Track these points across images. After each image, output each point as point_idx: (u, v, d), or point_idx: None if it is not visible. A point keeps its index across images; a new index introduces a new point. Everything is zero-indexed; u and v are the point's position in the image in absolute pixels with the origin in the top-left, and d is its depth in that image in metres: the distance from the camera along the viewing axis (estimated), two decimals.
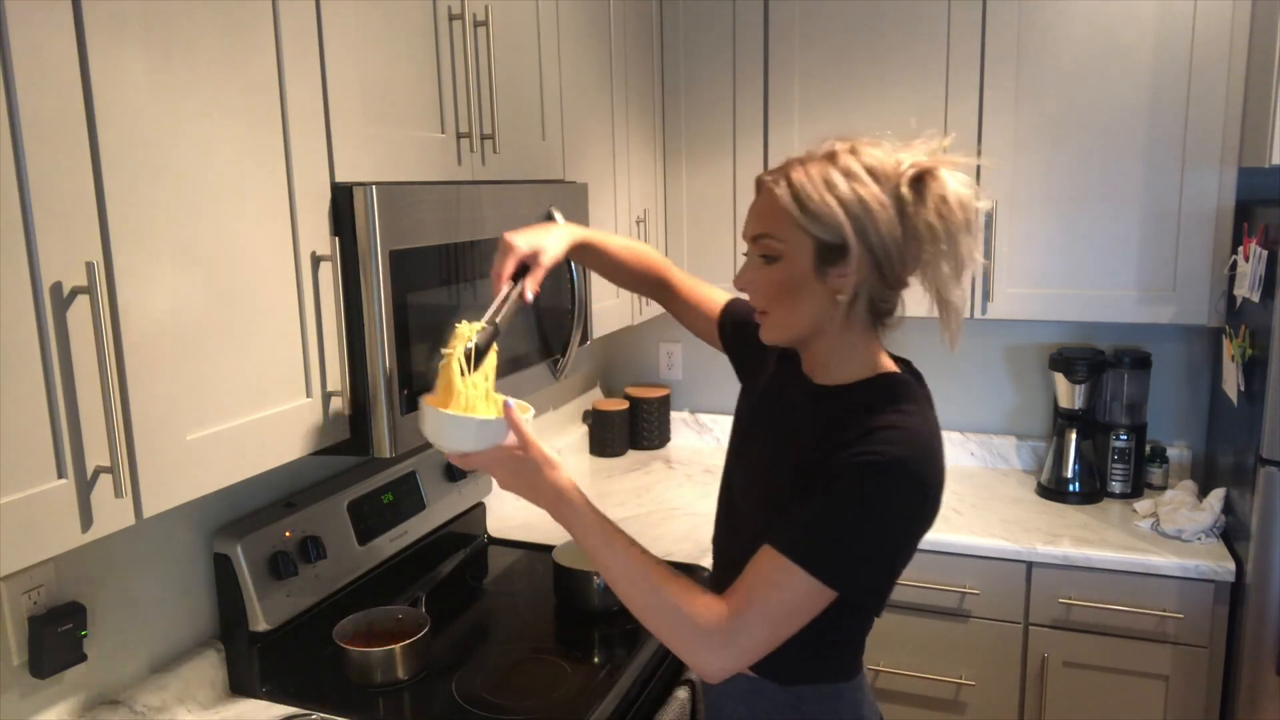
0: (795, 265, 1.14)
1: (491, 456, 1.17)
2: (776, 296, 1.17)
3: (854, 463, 1.08)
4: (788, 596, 1.07)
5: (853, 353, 1.20)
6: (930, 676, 2.31)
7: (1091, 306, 2.32)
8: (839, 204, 1.10)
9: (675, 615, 1.10)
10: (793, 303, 1.16)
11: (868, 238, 1.10)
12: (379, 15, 1.39)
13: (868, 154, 1.13)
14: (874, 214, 1.10)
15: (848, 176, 1.11)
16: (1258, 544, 1.95)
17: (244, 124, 1.16)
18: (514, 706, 1.57)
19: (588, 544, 1.16)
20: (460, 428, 1.14)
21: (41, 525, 0.94)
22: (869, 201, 1.10)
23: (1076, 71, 2.25)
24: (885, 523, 1.09)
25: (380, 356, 1.34)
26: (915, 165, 1.12)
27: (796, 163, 1.16)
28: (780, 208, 1.13)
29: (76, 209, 0.96)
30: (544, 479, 1.18)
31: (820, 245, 1.12)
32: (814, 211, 1.11)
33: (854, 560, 1.08)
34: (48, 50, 0.92)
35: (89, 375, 0.97)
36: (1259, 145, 2.00)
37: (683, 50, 2.58)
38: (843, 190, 1.11)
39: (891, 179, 1.11)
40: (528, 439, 1.17)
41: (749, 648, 1.08)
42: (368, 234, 1.31)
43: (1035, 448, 2.73)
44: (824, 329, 1.18)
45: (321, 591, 1.71)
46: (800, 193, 1.12)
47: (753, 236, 1.17)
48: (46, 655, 1.32)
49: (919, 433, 1.11)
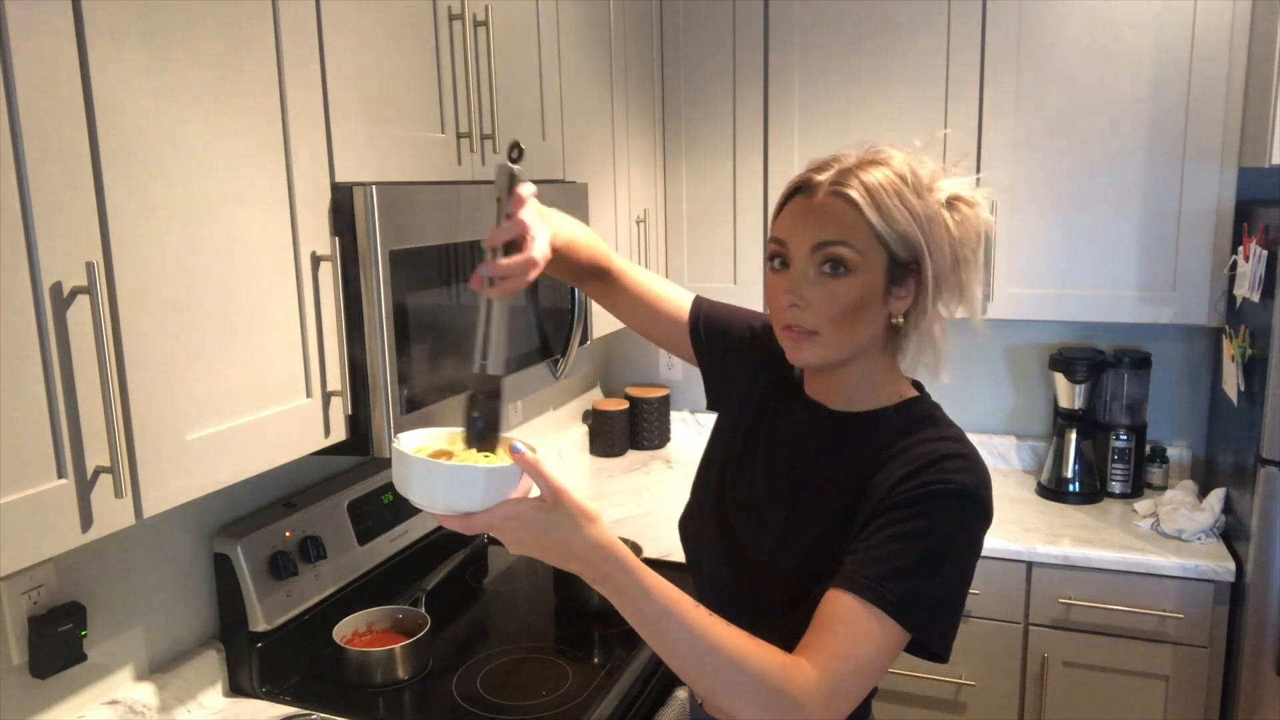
0: (869, 280, 1.03)
1: (506, 514, 0.89)
2: (841, 315, 1.03)
3: (925, 494, 0.99)
4: (878, 648, 0.95)
5: (881, 379, 1.12)
6: (930, 676, 2.31)
7: (1091, 306, 2.32)
8: (912, 216, 1.02)
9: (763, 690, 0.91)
10: (854, 323, 1.04)
11: (934, 256, 1.03)
12: (379, 15, 1.39)
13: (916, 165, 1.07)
14: (938, 230, 1.03)
15: (919, 193, 1.04)
16: (1258, 544, 1.95)
17: (244, 124, 1.16)
18: (514, 706, 1.57)
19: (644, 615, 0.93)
20: (462, 481, 0.87)
21: (41, 525, 0.94)
22: (935, 217, 1.04)
23: (1076, 71, 2.25)
24: (963, 553, 1.01)
25: (380, 356, 1.34)
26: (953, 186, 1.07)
27: (855, 165, 1.05)
28: (856, 214, 1.02)
29: (76, 209, 0.96)
30: (581, 537, 0.91)
31: (892, 260, 1.03)
32: (894, 221, 1.02)
33: (936, 603, 0.99)
34: (48, 51, 0.92)
35: (89, 375, 0.97)
36: (1259, 145, 2.00)
37: (683, 50, 2.58)
38: (913, 202, 1.03)
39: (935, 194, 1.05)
40: (556, 486, 0.91)
41: (844, 708, 0.95)
42: (368, 234, 1.31)
43: (1035, 448, 2.73)
44: (873, 350, 1.09)
45: (321, 591, 1.71)
46: (879, 199, 1.02)
47: (816, 244, 1.03)
48: (46, 655, 1.32)
49: (978, 460, 1.04)
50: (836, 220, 1.03)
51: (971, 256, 1.06)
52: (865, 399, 1.12)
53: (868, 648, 0.95)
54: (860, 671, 0.94)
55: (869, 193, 1.02)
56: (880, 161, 1.06)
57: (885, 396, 1.12)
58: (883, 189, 1.03)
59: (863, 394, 1.12)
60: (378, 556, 1.85)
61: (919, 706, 2.34)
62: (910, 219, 1.02)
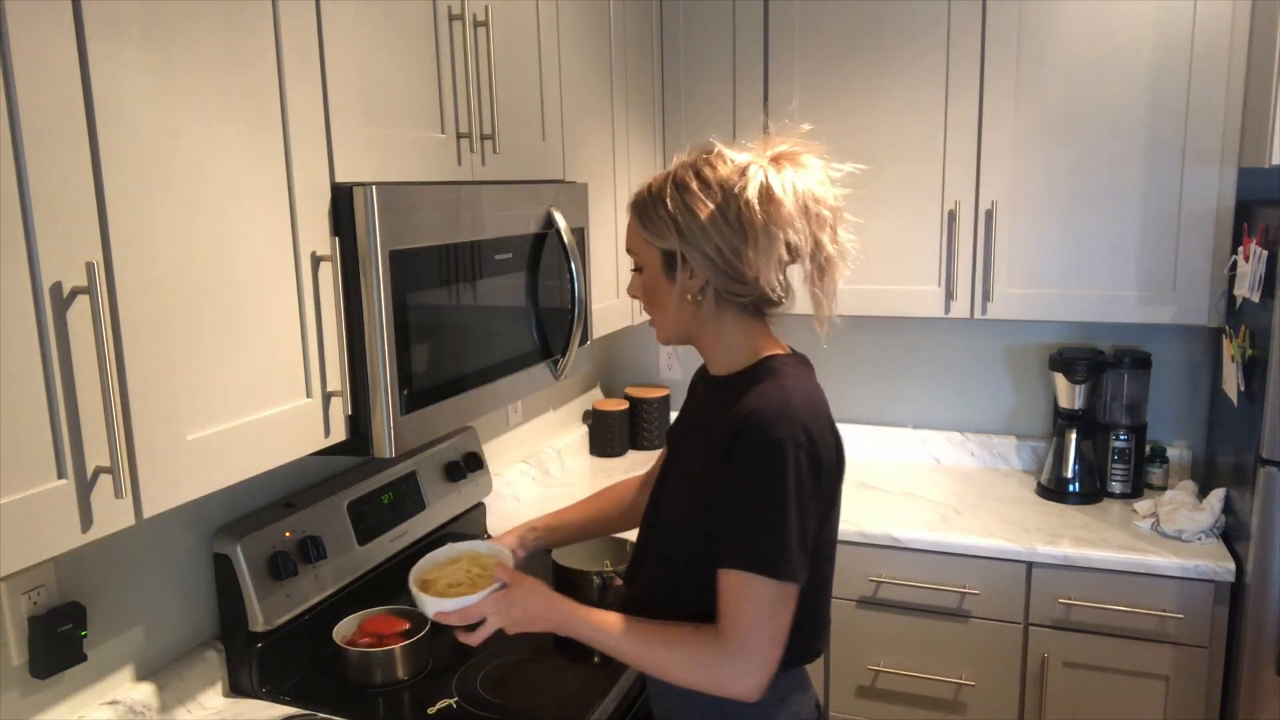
0: (652, 273, 1.30)
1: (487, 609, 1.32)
2: (649, 300, 1.33)
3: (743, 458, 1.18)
4: (759, 602, 1.16)
5: (732, 343, 1.31)
6: (930, 676, 2.31)
7: (1091, 306, 2.32)
8: (669, 216, 1.24)
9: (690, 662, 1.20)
10: (661, 305, 1.31)
11: (698, 243, 1.22)
12: (379, 15, 1.39)
13: (706, 165, 1.24)
14: (702, 221, 1.21)
15: (679, 189, 1.24)
16: (1258, 544, 1.95)
17: (244, 124, 1.16)
18: (514, 706, 1.57)
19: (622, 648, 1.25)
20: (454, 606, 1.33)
21: (41, 525, 0.94)
22: (696, 210, 1.22)
23: (1076, 71, 2.25)
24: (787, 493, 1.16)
25: (380, 356, 1.34)
26: (755, 163, 1.22)
27: (646, 184, 1.30)
28: (632, 223, 1.31)
29: (76, 209, 0.96)
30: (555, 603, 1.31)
31: (664, 254, 1.27)
32: (651, 226, 1.27)
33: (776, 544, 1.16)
34: (48, 51, 0.92)
35: (89, 375, 0.97)
36: (1259, 145, 2.00)
37: (683, 50, 2.58)
38: (673, 203, 1.24)
39: (730, 182, 1.21)
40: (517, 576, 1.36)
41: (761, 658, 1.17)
42: (368, 234, 1.31)
43: (1035, 448, 2.73)
44: (700, 326, 1.30)
45: (321, 591, 1.71)
46: (640, 210, 1.29)
47: (627, 251, 1.35)
48: (46, 655, 1.32)
49: (781, 409, 1.18)
50: (629, 231, 1.33)
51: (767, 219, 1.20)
52: (727, 364, 1.33)
53: (751, 607, 1.16)
54: (757, 624, 1.16)
55: (637, 204, 1.30)
56: (671, 169, 1.28)
57: (743, 359, 1.31)
58: (650, 197, 1.27)
59: (724, 360, 1.33)
60: (378, 556, 1.85)
61: (919, 706, 2.34)
62: (667, 217, 1.24)
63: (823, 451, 1.20)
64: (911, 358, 2.84)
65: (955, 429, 2.82)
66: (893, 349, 2.85)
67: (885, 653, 2.35)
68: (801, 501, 1.17)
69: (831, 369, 2.91)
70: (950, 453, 2.81)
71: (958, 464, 2.80)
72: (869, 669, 2.37)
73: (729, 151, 1.26)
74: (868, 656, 2.37)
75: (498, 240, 1.62)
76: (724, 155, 1.25)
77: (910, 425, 2.87)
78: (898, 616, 2.33)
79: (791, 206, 1.20)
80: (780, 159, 1.24)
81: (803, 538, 1.18)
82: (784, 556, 1.16)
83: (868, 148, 2.45)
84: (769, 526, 1.16)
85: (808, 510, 1.18)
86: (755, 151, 1.26)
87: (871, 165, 2.45)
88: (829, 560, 1.32)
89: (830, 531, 1.30)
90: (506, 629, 1.31)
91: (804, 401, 1.21)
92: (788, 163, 1.24)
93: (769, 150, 1.25)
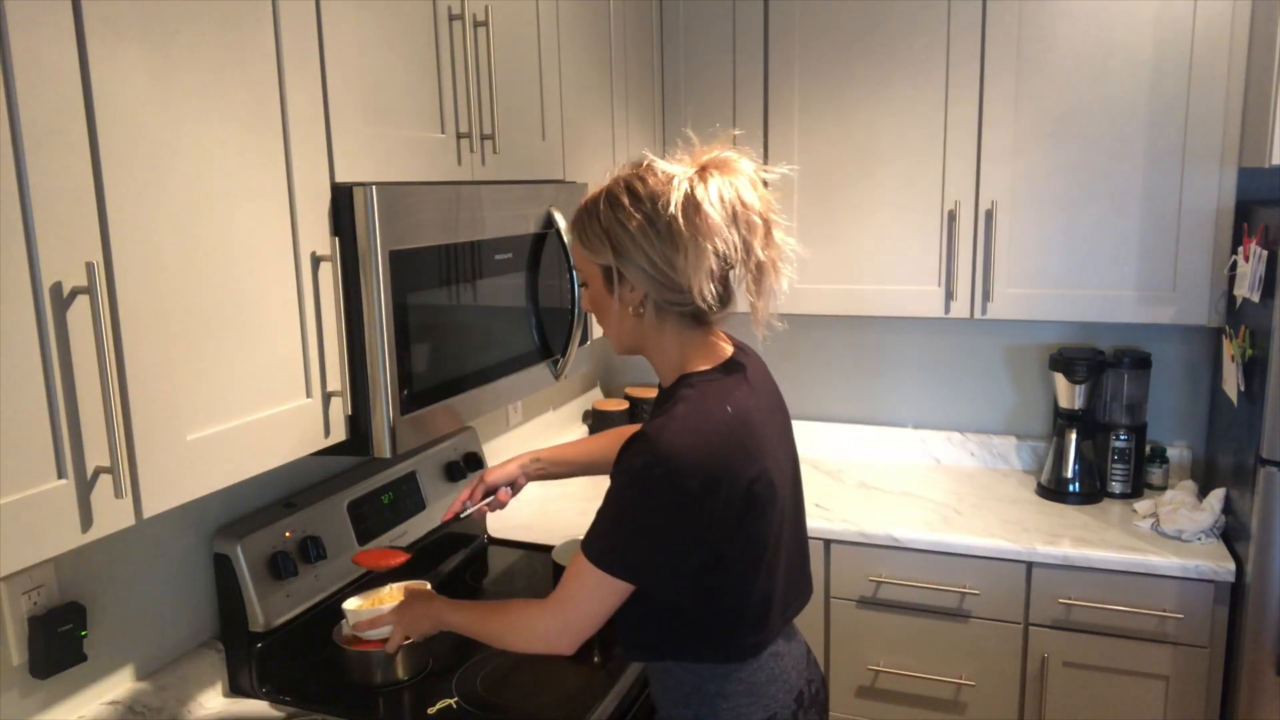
0: (595, 288, 1.32)
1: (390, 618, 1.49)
2: (597, 314, 1.35)
3: (615, 473, 1.25)
4: (585, 586, 1.25)
5: (669, 357, 1.33)
6: (930, 676, 2.31)
7: (1091, 306, 2.32)
8: (603, 232, 1.26)
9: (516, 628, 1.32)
10: (607, 318, 1.33)
11: (632, 257, 1.24)
12: (379, 16, 1.39)
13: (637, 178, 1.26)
14: (633, 234, 1.23)
15: (611, 204, 1.26)
16: (1258, 544, 1.95)
17: (244, 124, 1.16)
18: (514, 706, 1.57)
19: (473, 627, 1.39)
20: None
21: (41, 525, 0.94)
22: (627, 224, 1.24)
23: (1076, 71, 2.25)
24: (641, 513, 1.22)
25: (380, 356, 1.34)
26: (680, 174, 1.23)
27: (583, 200, 1.32)
28: (573, 241, 1.34)
29: (76, 209, 0.96)
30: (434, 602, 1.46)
31: (603, 269, 1.29)
32: (587, 244, 1.29)
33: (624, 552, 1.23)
34: (48, 51, 0.92)
35: (89, 375, 0.97)
36: (1259, 145, 2.00)
37: (683, 50, 2.58)
38: (605, 219, 1.26)
39: (659, 194, 1.23)
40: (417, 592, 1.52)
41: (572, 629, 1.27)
42: (368, 234, 1.31)
43: (1035, 448, 2.73)
44: (644, 338, 1.33)
45: (321, 591, 1.71)
46: (578, 228, 1.31)
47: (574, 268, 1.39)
48: (46, 655, 1.32)
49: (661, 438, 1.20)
50: (572, 248, 1.40)
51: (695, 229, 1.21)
52: (666, 377, 1.35)
53: (576, 583, 1.26)
54: (575, 599, 1.26)
55: (575, 221, 1.32)
56: (606, 184, 1.30)
57: (672, 373, 1.34)
58: (585, 214, 1.30)
59: (665, 372, 1.35)
60: None
61: (919, 706, 2.34)
62: (601, 233, 1.26)
63: (698, 476, 1.20)
64: (911, 358, 2.84)
65: (955, 429, 2.82)
66: (893, 349, 2.85)
67: (885, 653, 2.35)
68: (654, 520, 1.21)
69: (831, 369, 2.91)
70: (950, 453, 2.81)
71: (958, 464, 2.80)
72: (869, 669, 2.37)
73: (660, 163, 1.27)
74: (868, 656, 2.37)
75: (498, 240, 1.62)
76: (654, 167, 1.26)
77: (910, 425, 2.87)
78: (898, 616, 2.33)
79: (718, 215, 1.21)
80: (708, 168, 1.24)
81: (652, 550, 1.23)
82: (614, 554, 1.23)
83: (868, 147, 2.45)
84: (609, 527, 1.24)
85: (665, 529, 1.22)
86: (685, 162, 1.27)
87: (871, 165, 2.45)
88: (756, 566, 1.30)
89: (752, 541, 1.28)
90: (407, 633, 1.47)
91: (688, 428, 1.21)
92: (716, 170, 1.24)
93: (698, 159, 1.26)
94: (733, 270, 1.27)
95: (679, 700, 1.36)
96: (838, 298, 2.53)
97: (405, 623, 1.47)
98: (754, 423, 1.29)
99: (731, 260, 1.24)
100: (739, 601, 1.30)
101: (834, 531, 2.32)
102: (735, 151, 1.28)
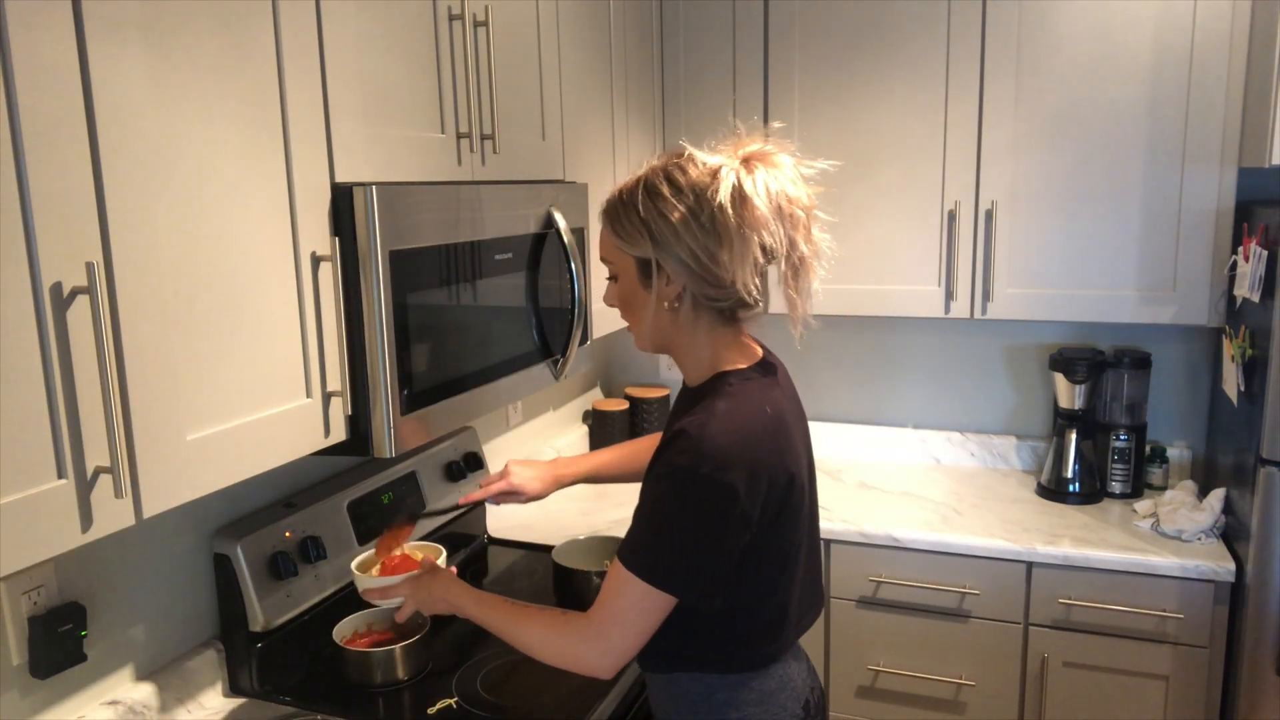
0: (627, 280, 1.29)
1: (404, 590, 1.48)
2: (625, 309, 1.32)
3: (656, 474, 1.21)
4: (630, 599, 1.20)
5: (700, 355, 1.30)
6: (930, 676, 2.31)
7: (1091, 306, 2.32)
8: (641, 224, 1.22)
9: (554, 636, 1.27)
10: (638, 313, 1.30)
11: (673, 249, 1.21)
12: (379, 16, 1.39)
13: (677, 168, 1.23)
14: (675, 226, 1.20)
15: (651, 194, 1.22)
16: (1258, 544, 1.95)
17: (244, 124, 1.16)
18: (514, 706, 1.57)
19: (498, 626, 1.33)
20: None
21: (41, 525, 0.94)
22: (669, 215, 1.20)
23: (1076, 71, 2.25)
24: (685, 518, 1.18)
25: (380, 356, 1.34)
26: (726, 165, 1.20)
27: (617, 190, 1.28)
28: (605, 231, 1.29)
29: (76, 209, 0.96)
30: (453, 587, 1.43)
31: (639, 261, 1.25)
32: (623, 235, 1.25)
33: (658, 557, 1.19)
34: (48, 51, 0.92)
35: (89, 375, 0.97)
36: (1259, 145, 2.00)
37: (683, 50, 2.58)
38: (645, 209, 1.22)
39: (702, 186, 1.20)
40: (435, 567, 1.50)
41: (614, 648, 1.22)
42: (368, 234, 1.31)
43: (1035, 448, 2.73)
44: (677, 334, 1.29)
45: (321, 591, 1.71)
46: (612, 218, 1.27)
47: (601, 259, 1.33)
48: (46, 655, 1.32)
49: (704, 436, 1.18)
50: (602, 240, 1.31)
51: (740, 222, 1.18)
52: (695, 375, 1.32)
53: (620, 600, 1.21)
54: (620, 616, 1.21)
55: (608, 211, 1.28)
56: (642, 174, 1.26)
57: (705, 371, 1.31)
58: (620, 203, 1.26)
59: (693, 371, 1.32)
60: None
61: (919, 706, 2.34)
62: (639, 224, 1.23)
63: (742, 475, 1.17)
64: (911, 358, 2.84)
65: (955, 429, 2.82)
66: (892, 349, 2.85)
67: (885, 653, 2.35)
68: (702, 525, 1.18)
69: (831, 369, 2.91)
70: (950, 453, 2.81)
71: (958, 464, 2.80)
72: (869, 669, 2.37)
73: (699, 154, 1.24)
74: (868, 656, 2.37)
75: (498, 240, 1.62)
76: (695, 158, 1.23)
77: (910, 425, 2.87)
78: (898, 616, 2.33)
79: (765, 208, 1.18)
80: (751, 159, 1.22)
81: (699, 557, 1.19)
82: (662, 565, 1.19)
83: (868, 147, 2.45)
84: (655, 536, 1.20)
85: (712, 534, 1.18)
86: (726, 153, 1.24)
87: (871, 165, 2.45)
88: (782, 572, 1.29)
89: (781, 545, 1.27)
90: (419, 609, 1.46)
91: (731, 427, 1.19)
92: (759, 163, 1.22)
93: (740, 151, 1.24)
94: (773, 265, 1.25)
95: (685, 709, 1.33)
96: (838, 298, 2.53)
97: (419, 600, 1.46)
98: (788, 425, 1.27)
99: (776, 254, 1.22)
100: (760, 610, 1.28)
101: (834, 531, 2.32)
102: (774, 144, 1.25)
